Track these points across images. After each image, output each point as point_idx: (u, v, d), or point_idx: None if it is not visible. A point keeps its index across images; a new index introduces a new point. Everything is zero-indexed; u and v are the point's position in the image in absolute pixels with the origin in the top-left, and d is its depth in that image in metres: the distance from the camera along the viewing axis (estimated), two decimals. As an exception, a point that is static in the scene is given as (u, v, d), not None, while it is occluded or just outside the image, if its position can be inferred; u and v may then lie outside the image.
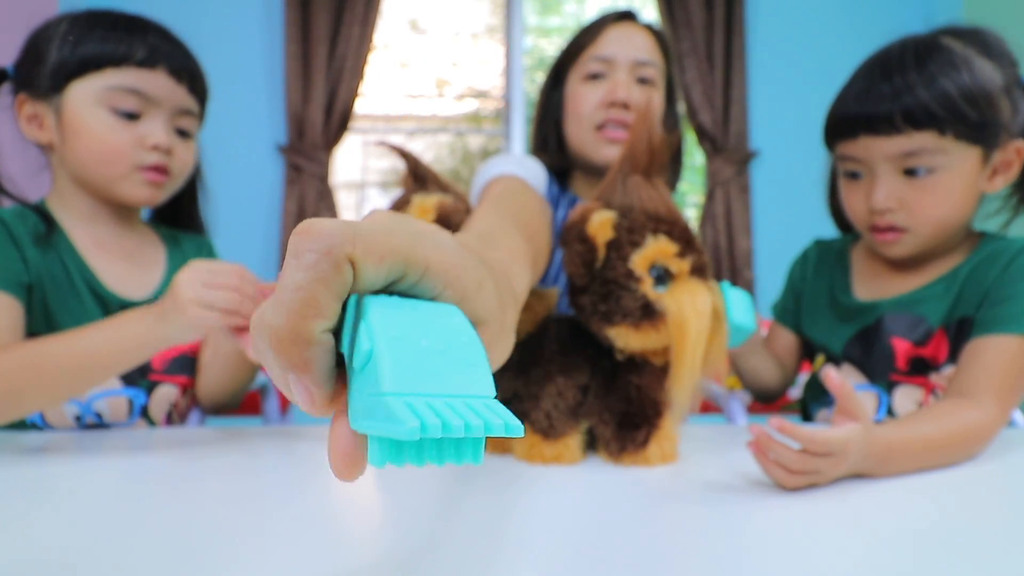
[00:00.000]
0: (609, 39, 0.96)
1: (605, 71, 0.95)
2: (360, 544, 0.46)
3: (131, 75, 0.78)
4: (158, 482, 0.59)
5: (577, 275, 0.60)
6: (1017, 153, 0.77)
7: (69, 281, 0.80)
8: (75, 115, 0.77)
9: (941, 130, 0.73)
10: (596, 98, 0.94)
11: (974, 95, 0.73)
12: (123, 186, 0.81)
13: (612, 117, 0.93)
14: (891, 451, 0.59)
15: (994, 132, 0.75)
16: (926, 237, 0.79)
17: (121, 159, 0.79)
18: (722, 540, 0.45)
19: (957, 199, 0.77)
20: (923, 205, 0.77)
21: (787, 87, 2.65)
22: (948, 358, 0.79)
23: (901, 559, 0.42)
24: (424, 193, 0.69)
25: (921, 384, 0.81)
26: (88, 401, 0.81)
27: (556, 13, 2.94)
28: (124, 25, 0.79)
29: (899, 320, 0.82)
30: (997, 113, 0.74)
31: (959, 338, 0.78)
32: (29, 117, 0.80)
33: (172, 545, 0.44)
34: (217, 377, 0.89)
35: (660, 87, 0.98)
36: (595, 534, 0.46)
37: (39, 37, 0.80)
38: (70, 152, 0.79)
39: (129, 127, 0.79)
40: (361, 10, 2.49)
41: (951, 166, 0.75)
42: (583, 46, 0.98)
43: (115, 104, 0.78)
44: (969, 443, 0.65)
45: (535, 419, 0.63)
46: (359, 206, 2.80)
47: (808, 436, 0.53)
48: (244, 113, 2.55)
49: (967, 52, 0.74)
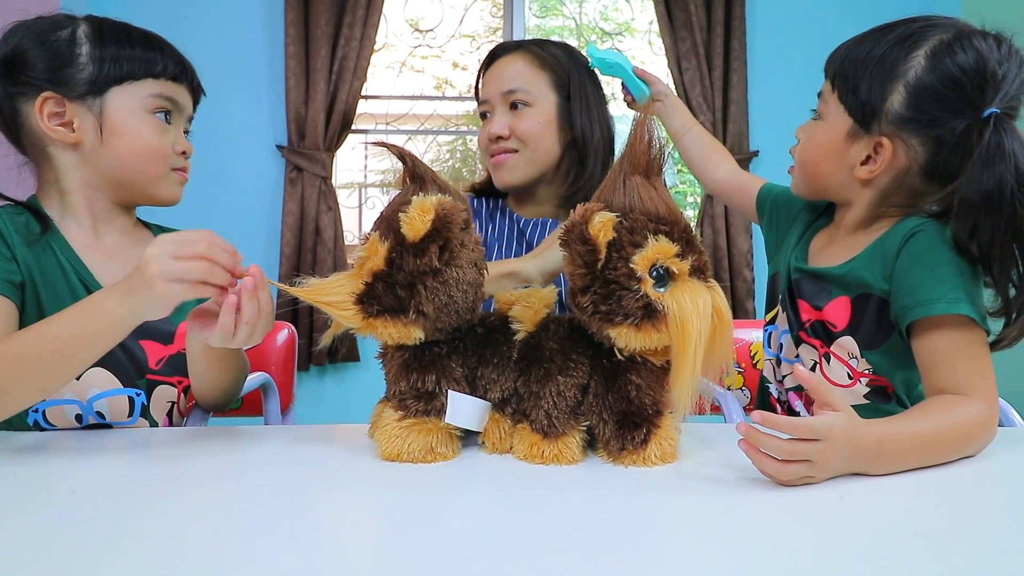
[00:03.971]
0: (484, 83, 1.11)
1: (488, 110, 1.10)
2: (360, 544, 0.46)
3: (167, 86, 0.86)
4: (158, 482, 0.59)
5: (578, 275, 0.60)
6: (877, 147, 0.75)
7: (65, 279, 0.81)
8: (120, 119, 0.82)
9: (833, 83, 0.78)
10: (484, 137, 1.10)
11: (872, 68, 0.73)
12: (161, 185, 0.87)
13: (494, 148, 1.08)
14: (882, 446, 0.59)
15: (867, 111, 0.74)
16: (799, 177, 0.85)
17: (163, 160, 0.86)
18: (722, 539, 0.45)
19: (817, 152, 0.80)
20: (802, 145, 0.84)
21: (787, 87, 2.64)
22: (847, 328, 0.80)
23: (901, 557, 0.42)
24: (423, 194, 0.69)
25: (817, 346, 0.83)
26: (89, 401, 0.81)
27: (556, 14, 2.94)
28: (156, 41, 0.87)
29: (806, 283, 0.85)
30: (881, 96, 0.73)
31: (861, 311, 0.78)
32: (51, 115, 0.81)
33: (172, 545, 0.44)
34: (204, 373, 0.87)
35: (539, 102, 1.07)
36: (595, 534, 0.46)
37: (56, 39, 0.81)
38: (111, 152, 0.82)
39: (167, 132, 0.86)
40: (362, 11, 2.49)
41: (829, 120, 0.79)
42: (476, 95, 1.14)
43: (156, 111, 0.85)
44: (966, 438, 0.64)
45: (535, 419, 0.63)
46: (360, 206, 2.80)
47: (790, 423, 0.55)
48: (245, 113, 2.55)
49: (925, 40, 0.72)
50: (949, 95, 0.70)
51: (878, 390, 0.80)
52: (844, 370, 0.81)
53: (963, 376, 0.68)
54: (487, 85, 1.10)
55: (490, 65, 1.10)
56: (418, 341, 0.63)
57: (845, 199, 0.82)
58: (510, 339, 0.66)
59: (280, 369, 1.17)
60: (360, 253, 0.62)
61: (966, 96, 0.70)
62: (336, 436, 0.74)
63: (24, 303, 0.78)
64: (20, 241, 0.79)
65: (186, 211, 0.98)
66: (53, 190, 0.85)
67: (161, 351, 0.87)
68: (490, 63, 1.11)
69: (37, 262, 0.79)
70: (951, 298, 0.69)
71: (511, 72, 1.07)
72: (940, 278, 0.70)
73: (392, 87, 2.78)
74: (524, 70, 1.07)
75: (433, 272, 0.60)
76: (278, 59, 2.53)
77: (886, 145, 0.74)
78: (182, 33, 0.88)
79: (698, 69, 2.57)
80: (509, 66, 1.08)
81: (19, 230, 0.80)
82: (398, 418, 0.64)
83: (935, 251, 0.72)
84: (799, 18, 2.68)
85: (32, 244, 0.79)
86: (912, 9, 2.63)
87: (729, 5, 2.59)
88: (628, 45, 2.88)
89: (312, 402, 2.56)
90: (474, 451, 0.67)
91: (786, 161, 0.89)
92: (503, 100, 1.07)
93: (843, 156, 0.78)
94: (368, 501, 0.57)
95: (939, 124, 0.71)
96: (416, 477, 0.59)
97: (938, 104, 0.71)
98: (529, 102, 1.06)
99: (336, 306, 0.62)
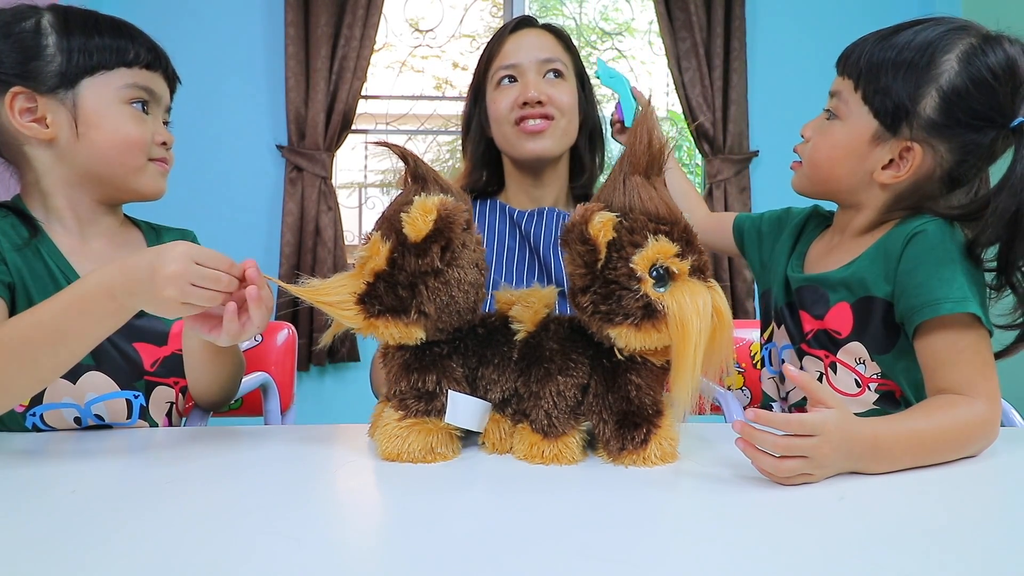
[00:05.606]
0: (511, 48, 1.05)
1: (515, 76, 1.04)
2: (361, 543, 0.46)
3: (141, 75, 0.82)
4: (158, 482, 0.59)
5: (578, 275, 0.60)
6: (904, 151, 0.74)
7: (54, 284, 0.79)
8: (95, 111, 0.79)
9: (856, 83, 0.76)
10: (510, 99, 1.03)
11: (904, 72, 0.72)
12: (141, 177, 0.84)
13: (527, 113, 1.01)
14: (878, 443, 0.59)
15: (896, 114, 0.73)
16: (809, 176, 0.83)
17: (141, 151, 0.82)
18: (722, 539, 0.45)
19: (835, 152, 0.79)
20: (815, 144, 0.81)
21: (787, 87, 2.65)
22: (852, 333, 0.79)
23: (901, 557, 0.42)
24: (425, 193, 0.69)
25: (822, 356, 0.82)
26: (87, 405, 0.81)
27: (556, 14, 2.94)
28: (126, 29, 0.83)
29: (806, 293, 0.84)
30: (914, 100, 0.72)
31: (865, 316, 0.77)
32: (23, 111, 0.78)
33: (173, 545, 0.44)
34: (201, 369, 0.86)
35: (570, 78, 1.07)
36: (595, 534, 0.46)
37: (21, 32, 0.78)
38: (88, 146, 0.80)
39: (145, 122, 0.83)
40: (362, 11, 2.49)
41: (849, 120, 0.77)
42: (490, 60, 1.07)
43: (132, 101, 0.82)
44: (965, 438, 0.64)
45: (535, 419, 0.63)
46: (360, 206, 2.80)
47: (784, 419, 0.56)
48: (245, 113, 2.55)
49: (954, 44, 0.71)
50: (982, 101, 0.70)
51: (886, 396, 0.80)
52: (852, 378, 0.80)
53: (965, 376, 0.68)
54: (519, 50, 1.05)
55: (516, 31, 1.07)
56: (419, 341, 0.63)
57: (855, 202, 0.81)
58: (511, 340, 0.66)
59: (280, 369, 1.17)
60: (362, 253, 0.62)
61: (998, 103, 0.70)
62: (336, 436, 0.74)
63: (15, 305, 0.76)
64: (9, 245, 0.77)
65: (186, 211, 0.98)
66: (35, 192, 0.83)
67: (156, 353, 0.87)
68: (517, 29, 1.07)
69: (27, 265, 0.78)
70: (957, 297, 0.69)
71: (546, 42, 1.06)
72: (946, 278, 0.70)
73: (392, 87, 2.78)
74: (556, 45, 1.07)
75: (435, 272, 0.60)
76: (278, 59, 2.53)
77: (916, 150, 0.74)
78: (182, 33, 0.89)
79: (698, 69, 2.57)
80: (543, 36, 1.06)
81: (6, 233, 0.78)
82: (398, 418, 0.64)
83: (939, 251, 0.72)
84: (799, 18, 2.68)
85: (20, 248, 0.78)
86: (912, 8, 2.63)
87: (729, 5, 2.59)
88: (628, 45, 2.88)
89: (312, 402, 2.56)
90: (474, 451, 0.67)
91: (786, 161, 0.89)
92: (539, 67, 1.03)
93: (864, 158, 0.77)
94: (368, 501, 0.57)
95: (971, 130, 0.71)
96: (416, 477, 0.59)
97: (971, 110, 0.71)
98: (564, 75, 1.05)
99: (337, 306, 0.61)
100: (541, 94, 1.01)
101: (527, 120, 1.02)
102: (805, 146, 0.83)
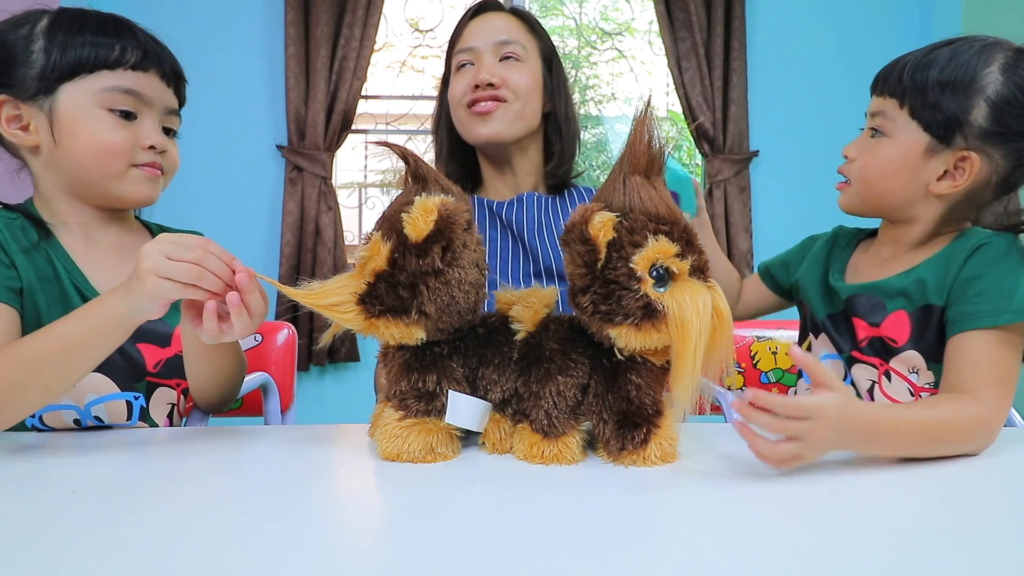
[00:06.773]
0: (470, 33, 1.05)
1: (472, 60, 1.03)
2: (361, 544, 0.46)
3: (126, 77, 0.79)
4: (158, 482, 0.59)
5: (578, 275, 0.60)
6: (960, 161, 0.76)
7: (60, 287, 0.79)
8: (71, 117, 0.77)
9: (901, 101, 0.78)
10: (464, 83, 1.03)
11: (947, 86, 0.74)
12: (122, 184, 0.81)
13: (478, 96, 1.01)
14: (877, 426, 0.60)
15: (948, 126, 0.75)
16: (860, 194, 0.83)
17: (119, 158, 0.79)
18: (722, 539, 0.45)
19: (888, 168, 0.79)
20: (864, 162, 0.82)
21: (787, 87, 2.65)
22: (909, 342, 0.79)
23: (902, 557, 0.42)
24: (426, 194, 0.69)
25: (876, 364, 0.82)
26: (86, 406, 0.81)
27: (556, 14, 2.94)
28: (113, 27, 0.79)
29: (861, 300, 0.84)
30: (964, 111, 0.74)
31: (924, 324, 0.78)
32: (10, 119, 0.78)
33: (172, 544, 0.44)
34: (199, 363, 0.86)
35: (530, 61, 1.05)
36: (595, 534, 0.46)
37: (10, 37, 0.77)
38: (65, 153, 0.78)
39: (127, 127, 0.79)
40: (362, 11, 2.49)
41: (898, 137, 0.78)
42: (452, 46, 1.07)
43: (112, 105, 0.78)
44: (964, 434, 0.65)
45: (535, 419, 0.63)
46: (360, 206, 2.80)
47: (782, 402, 0.57)
48: (245, 113, 2.56)
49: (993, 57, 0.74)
50: None
51: None
52: (905, 386, 0.80)
53: (982, 377, 0.69)
54: (475, 35, 1.04)
55: (475, 16, 1.06)
56: (420, 341, 0.63)
57: (908, 216, 0.82)
58: (511, 340, 0.66)
59: (280, 369, 1.17)
60: (362, 253, 0.62)
61: None
62: (336, 436, 0.74)
63: (24, 309, 0.77)
64: (17, 247, 0.77)
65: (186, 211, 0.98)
66: (39, 195, 0.83)
67: (159, 354, 0.87)
68: (476, 15, 1.06)
69: (35, 268, 0.78)
70: (1018, 308, 0.70)
71: (505, 25, 1.05)
72: (1008, 289, 0.72)
73: (392, 87, 2.78)
74: (517, 28, 1.05)
75: (436, 272, 0.60)
76: (278, 59, 2.53)
77: (973, 158, 0.75)
78: (182, 33, 0.87)
79: (698, 69, 2.57)
80: (502, 19, 1.05)
81: (15, 236, 0.78)
82: (398, 418, 0.64)
83: (1004, 262, 0.74)
84: (799, 18, 2.68)
85: (29, 251, 0.78)
86: (912, 10, 2.63)
87: (729, 5, 2.59)
88: (628, 45, 2.88)
89: (312, 402, 2.56)
90: (474, 451, 0.67)
91: (786, 160, 0.90)
92: (494, 50, 1.02)
93: (916, 172, 0.78)
94: (368, 501, 0.57)
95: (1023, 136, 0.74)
96: (416, 477, 0.59)
97: (1021, 116, 0.73)
98: (521, 58, 1.04)
99: (338, 307, 0.61)
100: (493, 76, 1.00)
101: (478, 103, 1.01)
102: (850, 166, 0.84)
